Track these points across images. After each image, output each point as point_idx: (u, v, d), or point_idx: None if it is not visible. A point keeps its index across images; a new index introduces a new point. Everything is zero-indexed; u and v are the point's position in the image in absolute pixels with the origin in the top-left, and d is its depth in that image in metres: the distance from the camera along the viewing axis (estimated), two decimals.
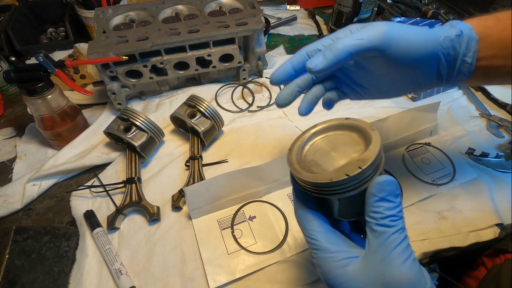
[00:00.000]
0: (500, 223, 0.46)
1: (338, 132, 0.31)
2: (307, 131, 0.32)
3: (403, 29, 0.31)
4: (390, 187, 0.25)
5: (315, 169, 0.28)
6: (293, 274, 0.43)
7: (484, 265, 0.47)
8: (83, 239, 0.46)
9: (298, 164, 0.29)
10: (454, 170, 0.53)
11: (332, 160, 0.28)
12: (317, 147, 0.31)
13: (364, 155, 0.26)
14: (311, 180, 0.27)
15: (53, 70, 0.51)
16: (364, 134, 0.28)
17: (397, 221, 0.25)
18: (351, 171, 0.25)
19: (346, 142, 0.29)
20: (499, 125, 0.60)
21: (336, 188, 0.26)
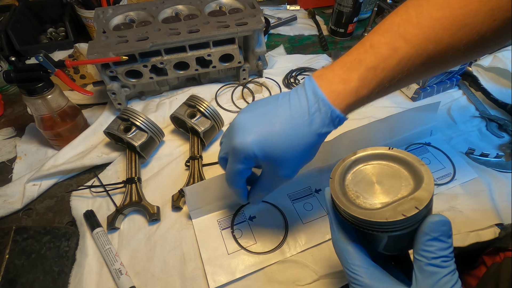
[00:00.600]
0: (500, 223, 0.46)
1: (382, 162, 0.29)
2: (347, 158, 0.31)
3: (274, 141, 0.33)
4: (445, 227, 0.24)
5: (360, 202, 0.27)
6: (293, 274, 0.43)
7: (484, 263, 0.47)
8: (83, 239, 0.46)
9: (344, 196, 0.28)
10: (454, 170, 0.53)
11: (379, 195, 0.27)
12: (360, 177, 0.29)
13: (419, 194, 0.25)
14: (364, 217, 0.26)
15: (53, 70, 0.51)
16: (413, 169, 0.27)
17: (449, 262, 0.24)
18: (408, 211, 0.24)
19: (391, 175, 0.28)
20: (499, 125, 0.60)
21: (389, 227, 0.26)
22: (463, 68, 0.64)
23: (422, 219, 0.25)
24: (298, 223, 0.47)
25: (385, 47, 0.31)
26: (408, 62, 0.31)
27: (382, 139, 0.54)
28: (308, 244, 0.45)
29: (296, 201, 0.50)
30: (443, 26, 0.30)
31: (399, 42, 0.31)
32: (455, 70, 0.63)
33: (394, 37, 0.31)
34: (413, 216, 0.24)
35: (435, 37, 0.30)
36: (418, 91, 0.65)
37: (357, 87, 0.32)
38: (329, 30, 0.89)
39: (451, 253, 0.25)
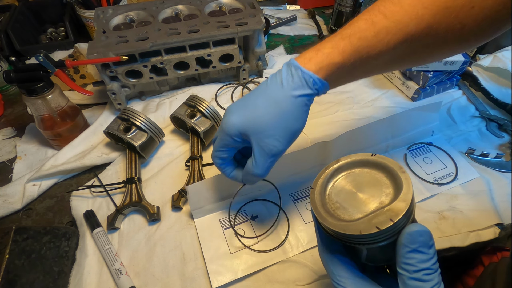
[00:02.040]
0: (500, 223, 0.46)
1: (364, 169, 0.29)
2: (329, 167, 0.30)
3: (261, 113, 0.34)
4: (423, 238, 0.23)
5: (340, 214, 0.27)
6: (293, 274, 0.43)
7: (482, 263, 0.47)
8: (83, 239, 0.46)
9: (323, 207, 0.28)
10: (456, 170, 0.53)
11: (359, 204, 0.26)
12: (341, 186, 0.29)
13: (395, 205, 0.24)
14: (339, 230, 0.25)
15: (53, 70, 0.51)
16: (393, 176, 0.27)
17: (431, 275, 0.23)
18: (383, 224, 0.23)
19: (373, 183, 0.27)
20: (499, 125, 0.60)
21: (365, 240, 0.25)
22: (463, 68, 0.64)
23: (401, 230, 0.24)
24: (300, 223, 0.47)
25: (363, 22, 0.32)
26: (387, 36, 0.32)
27: (383, 139, 0.55)
28: (310, 244, 0.45)
29: (298, 201, 0.50)
30: (424, 5, 0.31)
31: (377, 17, 0.32)
32: (455, 70, 0.63)
33: (373, 14, 0.32)
34: (388, 228, 0.23)
35: (416, 15, 0.31)
36: (418, 91, 0.65)
37: (328, 53, 0.33)
38: (329, 30, 0.89)
39: (434, 264, 0.23)
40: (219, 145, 0.37)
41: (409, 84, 0.66)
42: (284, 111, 0.33)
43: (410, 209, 0.24)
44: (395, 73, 0.69)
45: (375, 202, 0.26)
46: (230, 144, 0.37)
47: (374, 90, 0.70)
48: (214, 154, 0.39)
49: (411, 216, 0.25)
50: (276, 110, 0.34)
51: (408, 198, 0.24)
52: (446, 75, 0.64)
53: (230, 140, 0.36)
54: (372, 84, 0.71)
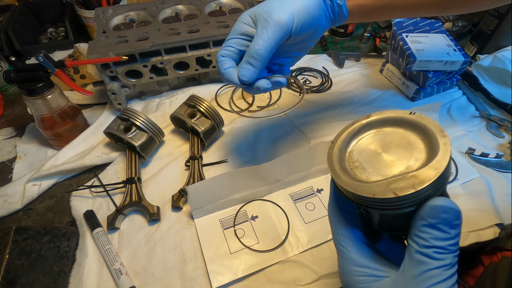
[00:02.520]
0: (500, 223, 0.46)
1: (397, 129, 0.25)
2: (356, 121, 0.26)
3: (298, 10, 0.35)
4: (447, 215, 0.20)
5: (357, 173, 0.24)
6: (293, 274, 0.43)
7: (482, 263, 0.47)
8: (83, 239, 0.46)
9: (339, 164, 0.25)
10: (456, 170, 0.53)
11: (381, 166, 0.23)
12: (366, 145, 0.25)
13: (423, 172, 0.20)
14: (351, 190, 0.22)
15: (53, 70, 0.51)
16: (430, 139, 0.22)
17: (444, 255, 0.21)
18: (402, 191, 0.20)
19: (403, 145, 0.23)
20: (499, 125, 0.60)
21: (378, 205, 0.22)
22: (463, 68, 0.64)
23: (424, 201, 0.21)
24: (300, 223, 0.47)
25: None
26: None
27: None
28: (310, 244, 0.45)
29: (298, 201, 0.50)
30: None
31: None
32: (455, 70, 0.63)
33: None
34: (407, 196, 0.20)
35: None
36: (418, 91, 0.65)
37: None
38: (329, 30, 0.89)
39: (451, 245, 0.21)
40: (226, 41, 0.37)
41: (409, 84, 0.66)
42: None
43: (441, 180, 0.21)
44: (395, 73, 0.69)
45: (400, 166, 0.22)
46: (239, 30, 0.37)
47: (374, 90, 0.70)
48: (219, 52, 0.38)
49: (441, 188, 0.22)
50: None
51: (441, 166, 0.20)
52: (446, 75, 0.64)
53: (239, 27, 0.36)
54: (372, 84, 0.71)
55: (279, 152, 0.57)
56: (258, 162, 0.54)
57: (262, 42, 0.34)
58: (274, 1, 0.36)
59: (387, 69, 0.72)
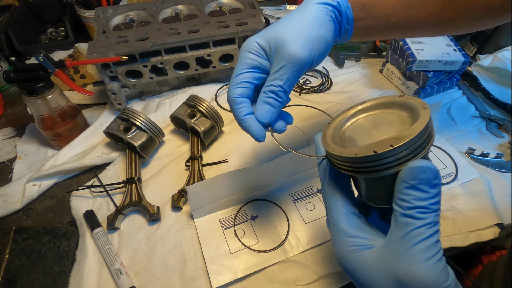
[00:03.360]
0: (500, 223, 0.46)
1: (388, 110, 0.27)
2: (353, 107, 0.29)
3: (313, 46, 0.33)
4: (425, 175, 0.22)
5: (347, 144, 0.26)
6: (293, 274, 0.43)
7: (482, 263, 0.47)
8: (83, 239, 0.46)
9: (332, 138, 0.27)
10: (456, 170, 0.53)
11: (369, 138, 0.25)
12: (359, 124, 0.28)
13: (401, 133, 0.22)
14: (336, 153, 0.24)
15: (53, 70, 0.51)
16: (415, 112, 0.24)
17: (426, 214, 0.22)
18: (380, 148, 0.22)
19: (392, 121, 0.26)
20: (499, 125, 0.60)
21: (362, 166, 0.23)
22: (463, 68, 0.64)
23: (403, 163, 0.22)
24: (300, 223, 0.47)
25: None
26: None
27: None
28: (310, 244, 0.45)
29: (298, 201, 0.50)
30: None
31: None
32: (455, 70, 0.63)
33: None
34: (385, 153, 0.22)
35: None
36: (418, 91, 0.65)
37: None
38: None
39: (433, 204, 0.22)
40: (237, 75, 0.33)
41: (409, 84, 0.66)
42: (305, 17, 0.33)
43: (417, 140, 0.22)
44: (395, 73, 0.69)
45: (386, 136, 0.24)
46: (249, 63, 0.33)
47: (374, 90, 0.70)
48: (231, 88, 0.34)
49: (421, 151, 0.23)
50: (297, 18, 0.33)
51: (417, 128, 0.22)
52: (446, 75, 0.64)
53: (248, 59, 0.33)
54: (372, 84, 0.71)
55: (279, 152, 0.57)
56: (258, 162, 0.54)
57: (281, 82, 0.32)
58: (287, 25, 0.33)
59: (387, 69, 0.72)
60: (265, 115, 0.33)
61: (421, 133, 0.22)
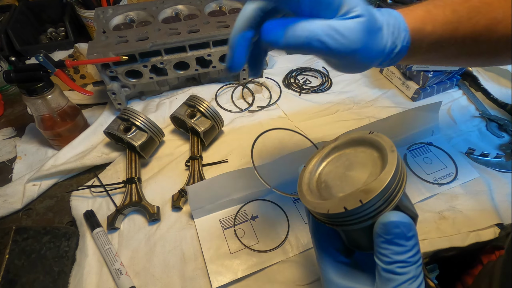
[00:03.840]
0: (500, 223, 0.46)
1: (359, 148, 0.27)
2: (327, 145, 0.29)
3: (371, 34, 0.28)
4: (399, 229, 0.22)
5: (323, 193, 0.26)
6: (293, 274, 0.43)
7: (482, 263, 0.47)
8: (83, 239, 0.46)
9: (308, 185, 0.27)
10: (456, 170, 0.53)
11: (344, 184, 0.25)
12: (334, 166, 0.27)
13: (370, 185, 0.22)
14: (310, 207, 0.24)
15: (53, 70, 0.51)
16: (383, 155, 0.24)
17: (407, 268, 0.22)
18: (350, 204, 0.22)
19: (364, 162, 0.25)
20: (499, 125, 0.60)
21: (335, 220, 0.24)
22: (463, 68, 0.64)
23: (377, 214, 0.22)
24: (300, 223, 0.47)
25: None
26: (477, 16, 0.30)
27: None
28: (310, 244, 0.45)
29: (298, 201, 0.50)
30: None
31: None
32: (455, 70, 0.63)
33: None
34: (355, 210, 0.22)
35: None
36: (418, 91, 0.65)
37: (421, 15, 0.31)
38: None
39: (412, 256, 0.22)
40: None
41: (409, 84, 0.66)
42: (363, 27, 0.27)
43: (387, 191, 0.22)
44: (395, 73, 0.69)
45: (359, 182, 0.24)
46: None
47: (374, 90, 0.70)
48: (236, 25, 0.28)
49: (391, 200, 0.23)
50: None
51: (385, 178, 0.22)
52: (446, 75, 0.64)
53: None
54: (372, 84, 0.71)
55: (279, 152, 0.57)
56: (258, 162, 0.54)
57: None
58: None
59: (387, 69, 0.72)
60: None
61: (389, 183, 0.22)
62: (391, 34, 0.30)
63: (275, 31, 0.25)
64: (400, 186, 0.23)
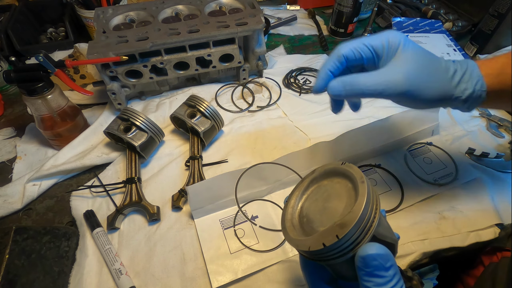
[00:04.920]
0: (500, 223, 0.46)
1: (335, 179, 0.28)
2: (306, 178, 0.30)
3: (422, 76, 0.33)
4: (377, 262, 0.23)
5: (306, 228, 0.27)
6: (293, 274, 0.43)
7: (482, 263, 0.47)
8: (83, 239, 0.46)
9: (291, 221, 0.28)
10: (456, 170, 0.53)
11: (324, 217, 0.26)
12: (314, 199, 0.29)
13: (345, 218, 0.23)
14: (293, 245, 0.25)
15: (53, 70, 0.51)
16: (355, 186, 0.25)
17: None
18: (329, 240, 0.23)
19: (340, 193, 0.27)
20: (499, 125, 0.60)
21: (318, 256, 0.25)
22: None
23: (355, 246, 0.23)
24: None
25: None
26: None
27: (383, 139, 0.55)
28: None
29: None
30: None
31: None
32: None
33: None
34: (333, 245, 0.23)
35: None
36: None
37: (501, 68, 0.34)
38: (329, 30, 0.89)
39: (394, 285, 0.23)
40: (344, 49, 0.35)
41: None
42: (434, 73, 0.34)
43: (360, 223, 0.23)
44: None
45: (336, 215, 0.25)
46: (357, 49, 0.34)
47: None
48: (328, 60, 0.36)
49: (367, 231, 0.24)
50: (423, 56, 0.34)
51: (357, 210, 0.23)
52: None
53: (359, 45, 0.34)
54: None
55: (279, 152, 0.57)
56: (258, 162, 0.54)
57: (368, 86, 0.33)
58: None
59: None
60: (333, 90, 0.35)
61: (361, 215, 0.23)
62: (459, 78, 0.34)
63: (336, 88, 0.34)
64: (374, 216, 0.24)
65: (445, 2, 0.92)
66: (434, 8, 0.87)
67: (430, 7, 0.88)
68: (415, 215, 0.48)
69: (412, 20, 0.78)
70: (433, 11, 0.85)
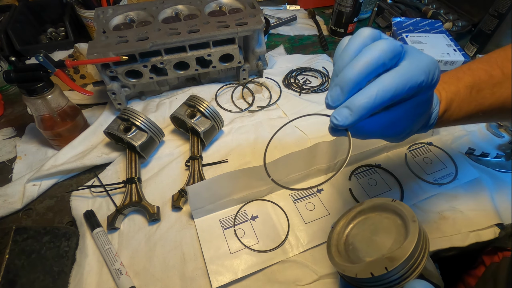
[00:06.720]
0: (500, 223, 0.46)
1: (383, 214, 0.29)
2: (353, 209, 0.31)
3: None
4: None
5: (351, 255, 0.28)
6: (293, 274, 0.43)
7: (483, 263, 0.47)
8: (83, 239, 0.46)
9: (336, 247, 0.29)
10: (456, 170, 0.53)
11: (370, 249, 0.27)
12: (360, 229, 0.30)
13: (395, 254, 0.24)
14: (339, 269, 0.26)
15: (53, 70, 0.51)
16: (406, 223, 0.26)
17: None
18: (377, 271, 0.24)
19: (388, 228, 0.28)
20: (499, 125, 0.60)
21: (363, 284, 0.25)
22: None
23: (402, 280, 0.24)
24: (300, 223, 0.47)
25: (483, 72, 0.33)
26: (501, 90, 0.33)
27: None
28: (310, 244, 0.45)
29: (298, 201, 0.50)
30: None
31: (496, 71, 0.33)
32: None
33: (492, 67, 0.33)
34: (381, 277, 0.23)
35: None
36: None
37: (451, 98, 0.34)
38: (329, 30, 0.89)
39: None
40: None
41: None
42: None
43: (410, 260, 0.24)
44: None
45: (384, 248, 0.26)
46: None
47: None
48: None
49: (415, 268, 0.24)
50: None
51: (407, 248, 0.24)
52: None
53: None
54: None
55: (279, 152, 0.57)
56: (258, 162, 0.54)
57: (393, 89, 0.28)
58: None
59: None
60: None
61: (412, 252, 0.24)
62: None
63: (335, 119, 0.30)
64: (424, 255, 0.25)
65: (445, 2, 0.92)
66: (434, 8, 0.87)
67: (430, 7, 0.88)
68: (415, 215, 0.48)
69: (412, 20, 0.78)
70: (433, 11, 0.85)
